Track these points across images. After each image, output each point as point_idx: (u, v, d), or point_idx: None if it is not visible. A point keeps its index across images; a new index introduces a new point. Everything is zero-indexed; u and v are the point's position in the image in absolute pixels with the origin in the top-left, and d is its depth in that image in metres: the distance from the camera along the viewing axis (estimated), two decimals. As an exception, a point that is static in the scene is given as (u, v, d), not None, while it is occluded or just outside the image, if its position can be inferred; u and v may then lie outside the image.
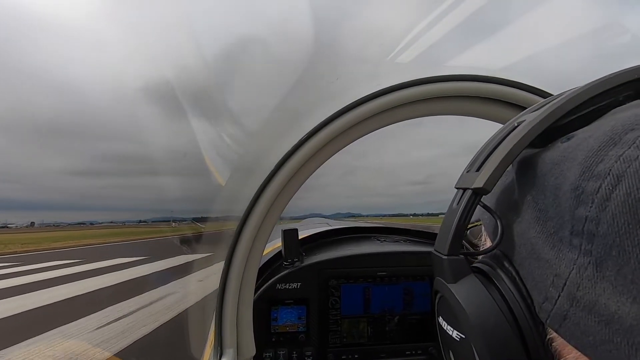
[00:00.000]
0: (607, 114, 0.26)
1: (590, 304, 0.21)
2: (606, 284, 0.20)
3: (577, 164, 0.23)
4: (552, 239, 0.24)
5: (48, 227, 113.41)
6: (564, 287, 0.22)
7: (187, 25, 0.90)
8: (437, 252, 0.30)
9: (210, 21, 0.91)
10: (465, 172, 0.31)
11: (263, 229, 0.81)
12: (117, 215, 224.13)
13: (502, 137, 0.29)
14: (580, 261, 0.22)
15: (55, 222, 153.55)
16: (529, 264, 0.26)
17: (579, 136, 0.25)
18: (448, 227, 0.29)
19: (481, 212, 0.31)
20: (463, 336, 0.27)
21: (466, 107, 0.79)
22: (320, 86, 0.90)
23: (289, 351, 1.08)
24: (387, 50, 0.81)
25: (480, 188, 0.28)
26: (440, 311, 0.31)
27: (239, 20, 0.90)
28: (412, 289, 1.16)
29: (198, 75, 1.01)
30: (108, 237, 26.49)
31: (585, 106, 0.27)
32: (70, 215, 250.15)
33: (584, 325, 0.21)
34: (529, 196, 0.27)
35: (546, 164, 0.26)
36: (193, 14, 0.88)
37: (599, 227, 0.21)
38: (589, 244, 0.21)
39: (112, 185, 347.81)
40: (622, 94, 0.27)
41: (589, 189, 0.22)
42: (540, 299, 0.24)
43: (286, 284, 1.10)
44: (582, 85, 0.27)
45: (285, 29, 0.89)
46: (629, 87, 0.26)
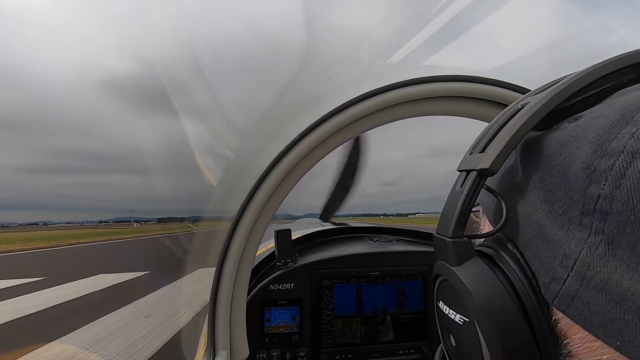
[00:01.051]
0: (613, 96, 0.26)
1: (602, 283, 0.21)
2: (619, 262, 0.20)
3: (588, 143, 0.23)
4: (560, 219, 0.24)
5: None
6: (574, 266, 0.22)
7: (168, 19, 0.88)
8: (440, 235, 0.29)
9: (194, 17, 0.90)
10: (469, 154, 0.31)
11: (256, 230, 0.81)
12: (75, 216, 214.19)
13: (506, 118, 0.29)
14: (591, 240, 0.21)
15: (4, 222, 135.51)
16: (535, 245, 0.25)
17: (587, 116, 0.25)
18: (452, 210, 0.28)
19: (481, 196, 0.30)
20: (467, 319, 0.26)
21: (456, 107, 0.80)
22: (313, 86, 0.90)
23: (282, 352, 1.08)
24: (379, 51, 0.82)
25: (486, 169, 0.27)
26: (441, 295, 0.31)
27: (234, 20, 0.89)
28: (405, 289, 1.17)
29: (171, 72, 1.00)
30: (64, 239, 23.74)
31: (591, 88, 0.27)
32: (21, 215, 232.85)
33: (594, 305, 0.21)
34: (535, 177, 0.27)
35: (553, 144, 0.26)
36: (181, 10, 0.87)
37: (613, 204, 0.20)
38: (600, 222, 0.21)
39: (70, 184, 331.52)
40: (626, 77, 0.27)
41: (601, 167, 0.21)
42: (547, 279, 0.24)
43: (279, 285, 1.09)
44: (583, 69, 0.27)
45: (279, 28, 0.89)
46: (632, 70, 0.27)
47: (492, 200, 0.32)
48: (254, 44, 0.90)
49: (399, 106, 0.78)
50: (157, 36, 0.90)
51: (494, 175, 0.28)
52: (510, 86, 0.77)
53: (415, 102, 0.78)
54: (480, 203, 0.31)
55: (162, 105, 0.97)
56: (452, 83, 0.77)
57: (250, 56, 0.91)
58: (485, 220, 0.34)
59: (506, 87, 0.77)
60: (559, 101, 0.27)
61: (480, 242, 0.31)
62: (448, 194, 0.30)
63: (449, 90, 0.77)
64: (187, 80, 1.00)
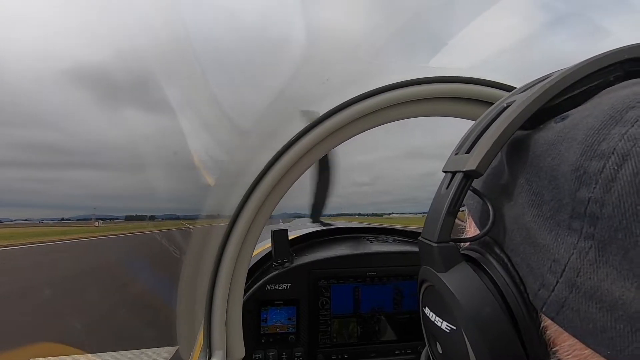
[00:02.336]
0: (600, 94, 0.25)
1: (592, 290, 0.20)
2: (610, 269, 0.19)
3: (577, 144, 0.22)
4: (549, 223, 0.23)
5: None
6: (563, 272, 0.21)
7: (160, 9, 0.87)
8: (426, 239, 0.28)
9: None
10: (454, 154, 0.30)
11: (253, 229, 0.81)
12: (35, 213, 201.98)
13: (492, 118, 0.28)
14: (580, 245, 0.21)
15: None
16: (523, 250, 0.25)
17: (575, 116, 0.24)
18: (437, 213, 0.27)
19: (466, 198, 0.29)
20: (454, 327, 0.26)
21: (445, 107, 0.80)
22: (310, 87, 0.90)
23: (278, 352, 1.07)
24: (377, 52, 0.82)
25: (473, 170, 0.26)
26: (427, 302, 0.30)
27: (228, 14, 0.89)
28: (402, 289, 1.17)
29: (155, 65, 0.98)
30: (18, 239, 21.74)
31: (577, 86, 0.26)
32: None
33: (584, 313, 0.20)
34: (522, 179, 0.26)
35: (540, 144, 0.25)
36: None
37: (604, 208, 0.20)
38: (591, 227, 0.20)
39: (30, 178, 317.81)
40: (612, 75, 0.26)
41: (591, 169, 0.20)
42: (536, 286, 0.23)
43: (276, 285, 1.09)
44: (569, 66, 0.27)
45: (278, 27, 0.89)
46: (618, 68, 0.26)
47: (478, 202, 0.31)
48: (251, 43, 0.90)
49: (392, 108, 0.79)
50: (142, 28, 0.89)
51: (478, 178, 0.27)
52: (497, 85, 0.77)
53: (407, 104, 0.79)
54: (465, 205, 0.30)
55: (134, 99, 0.95)
56: (441, 84, 0.77)
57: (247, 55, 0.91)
58: (470, 222, 0.33)
59: (494, 86, 0.77)
60: (546, 100, 0.26)
61: (467, 246, 0.30)
62: (422, 195, 0.29)
63: (436, 92, 0.77)
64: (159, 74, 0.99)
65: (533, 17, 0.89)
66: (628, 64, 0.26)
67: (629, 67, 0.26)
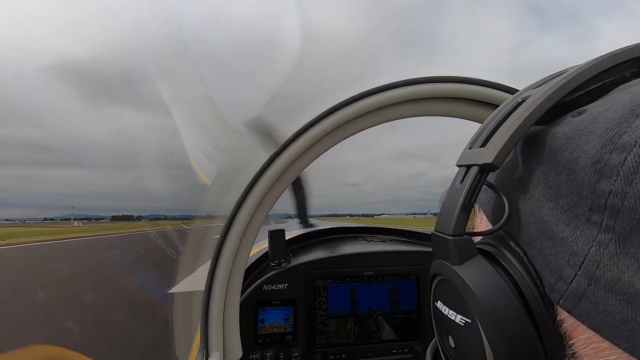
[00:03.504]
0: (616, 89, 0.25)
1: (612, 282, 0.20)
2: (631, 261, 0.19)
3: (597, 137, 0.22)
4: (566, 216, 0.23)
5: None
6: (582, 265, 0.21)
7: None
8: (440, 232, 0.28)
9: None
10: (468, 148, 0.29)
11: (250, 229, 0.80)
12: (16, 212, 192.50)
13: (507, 112, 0.28)
14: (600, 238, 0.21)
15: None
16: (539, 243, 0.25)
17: (593, 110, 0.24)
18: (452, 207, 0.27)
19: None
20: (469, 320, 0.25)
21: (447, 108, 0.80)
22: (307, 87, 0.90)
23: (276, 352, 1.07)
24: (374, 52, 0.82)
25: (489, 164, 0.26)
26: (440, 295, 0.30)
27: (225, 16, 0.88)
28: (399, 288, 1.18)
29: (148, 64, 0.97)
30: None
31: (594, 81, 0.26)
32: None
33: (603, 305, 0.20)
34: (538, 173, 0.26)
35: (558, 138, 0.25)
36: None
37: (625, 201, 0.19)
38: (611, 219, 0.20)
39: (11, 177, 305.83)
40: (628, 70, 0.26)
41: (612, 162, 0.20)
42: (553, 279, 0.23)
43: (273, 285, 1.09)
44: (585, 61, 0.26)
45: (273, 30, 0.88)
46: (635, 64, 0.26)
47: (491, 197, 0.31)
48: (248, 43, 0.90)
49: (392, 107, 0.79)
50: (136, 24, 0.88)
51: (491, 172, 0.27)
52: (497, 86, 0.78)
53: (408, 103, 0.79)
54: (477, 200, 0.30)
55: (120, 96, 0.93)
56: (443, 84, 0.77)
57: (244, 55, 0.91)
58: (482, 217, 0.33)
59: (496, 87, 0.78)
60: (563, 94, 0.26)
61: (480, 240, 0.30)
62: (411, 196, 0.29)
63: (439, 92, 0.78)
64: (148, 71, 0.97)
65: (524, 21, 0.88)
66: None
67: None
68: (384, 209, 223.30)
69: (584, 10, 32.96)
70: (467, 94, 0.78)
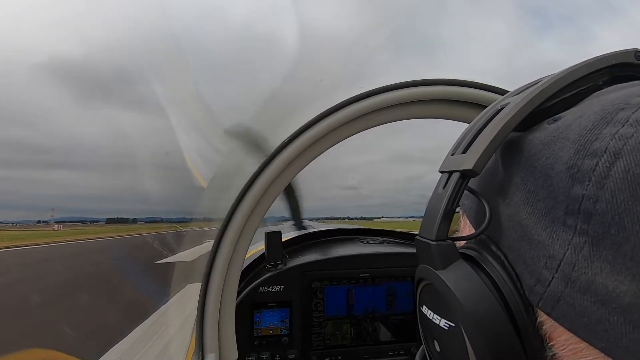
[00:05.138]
0: (590, 97, 0.26)
1: (586, 284, 0.21)
2: (603, 263, 0.20)
3: (571, 143, 0.23)
4: (544, 220, 0.24)
5: None
6: (558, 268, 0.22)
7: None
8: (423, 238, 0.28)
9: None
10: (450, 155, 0.30)
11: (246, 231, 0.81)
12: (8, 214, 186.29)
13: (487, 119, 0.29)
14: (575, 241, 0.21)
15: None
16: (519, 247, 0.25)
17: (567, 117, 0.25)
18: (434, 212, 0.28)
19: (461, 199, 0.30)
20: (452, 324, 0.26)
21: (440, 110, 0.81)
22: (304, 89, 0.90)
23: (272, 354, 1.07)
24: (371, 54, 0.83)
25: (470, 170, 0.27)
26: (425, 300, 0.30)
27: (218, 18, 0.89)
28: (395, 290, 1.18)
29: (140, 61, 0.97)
30: None
31: (568, 89, 0.27)
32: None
33: (578, 306, 0.21)
34: (517, 178, 0.27)
35: (535, 145, 0.26)
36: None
37: (597, 205, 0.20)
38: (584, 223, 0.21)
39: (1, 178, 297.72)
40: (601, 79, 0.27)
41: (585, 167, 0.21)
42: (532, 281, 0.24)
43: (269, 287, 1.09)
44: (560, 70, 0.27)
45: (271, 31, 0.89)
46: (607, 73, 0.27)
47: (473, 202, 0.31)
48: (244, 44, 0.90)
49: (388, 109, 0.79)
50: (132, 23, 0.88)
51: (472, 178, 0.28)
52: (490, 88, 0.78)
53: (404, 106, 0.79)
54: (460, 205, 0.30)
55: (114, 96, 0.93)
56: (439, 87, 0.78)
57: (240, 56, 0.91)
58: (465, 222, 0.33)
59: (491, 90, 0.78)
60: (539, 102, 0.27)
61: (463, 245, 0.31)
62: (408, 199, 0.29)
63: (432, 94, 0.78)
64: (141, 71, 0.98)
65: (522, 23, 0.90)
66: (616, 68, 0.27)
67: (617, 72, 0.27)
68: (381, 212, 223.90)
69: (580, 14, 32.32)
70: (462, 96, 0.78)
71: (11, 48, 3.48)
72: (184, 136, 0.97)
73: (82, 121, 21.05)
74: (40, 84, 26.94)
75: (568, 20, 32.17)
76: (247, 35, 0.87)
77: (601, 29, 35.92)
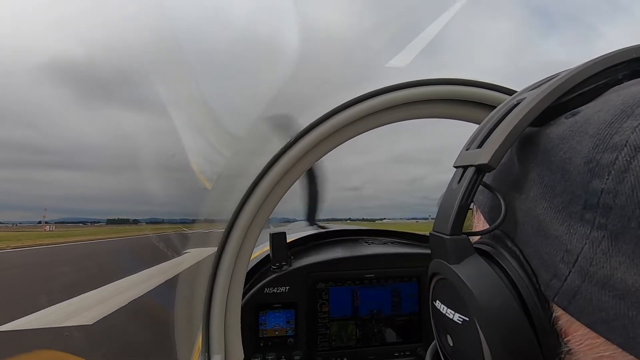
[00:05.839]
0: (609, 91, 0.26)
1: (605, 279, 0.20)
2: (623, 258, 0.20)
3: (589, 137, 0.22)
4: (561, 214, 0.23)
5: None
6: (576, 262, 0.22)
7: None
8: (438, 232, 0.28)
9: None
10: (465, 150, 0.30)
11: (251, 232, 0.81)
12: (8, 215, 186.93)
13: (502, 114, 0.28)
14: (593, 235, 0.21)
15: None
16: (535, 242, 0.25)
17: (586, 111, 0.25)
18: (449, 207, 0.28)
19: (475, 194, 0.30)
20: (467, 319, 0.26)
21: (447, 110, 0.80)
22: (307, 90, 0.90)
23: (277, 356, 1.07)
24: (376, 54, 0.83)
25: (485, 164, 0.26)
26: (438, 295, 0.30)
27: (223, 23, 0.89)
28: (400, 291, 1.17)
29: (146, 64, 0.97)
30: None
31: (586, 84, 0.27)
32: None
33: (596, 301, 0.21)
34: (533, 173, 0.26)
35: (552, 139, 0.26)
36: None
37: (616, 199, 0.20)
38: (603, 217, 0.21)
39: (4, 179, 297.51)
40: (620, 73, 0.27)
41: (604, 161, 0.21)
42: (548, 276, 0.24)
43: (274, 288, 1.09)
44: (579, 64, 0.27)
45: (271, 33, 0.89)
46: (626, 67, 0.27)
47: (487, 197, 0.31)
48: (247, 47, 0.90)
49: (392, 109, 0.79)
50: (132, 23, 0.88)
51: (487, 173, 0.28)
52: (497, 88, 0.78)
53: (408, 106, 0.79)
54: (474, 200, 0.30)
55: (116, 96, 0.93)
56: (443, 86, 0.78)
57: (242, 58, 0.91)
58: (479, 217, 0.33)
59: (496, 89, 0.78)
60: (557, 96, 0.26)
61: (477, 240, 0.31)
62: (410, 201, 0.29)
63: (440, 94, 0.78)
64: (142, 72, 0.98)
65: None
66: (635, 63, 0.27)
67: (636, 66, 0.27)
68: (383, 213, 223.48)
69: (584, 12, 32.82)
70: (466, 95, 0.78)
71: (12, 48, 3.43)
72: (185, 137, 0.97)
73: (83, 121, 21.05)
74: (41, 84, 27.01)
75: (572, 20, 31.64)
76: (249, 37, 0.87)
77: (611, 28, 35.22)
